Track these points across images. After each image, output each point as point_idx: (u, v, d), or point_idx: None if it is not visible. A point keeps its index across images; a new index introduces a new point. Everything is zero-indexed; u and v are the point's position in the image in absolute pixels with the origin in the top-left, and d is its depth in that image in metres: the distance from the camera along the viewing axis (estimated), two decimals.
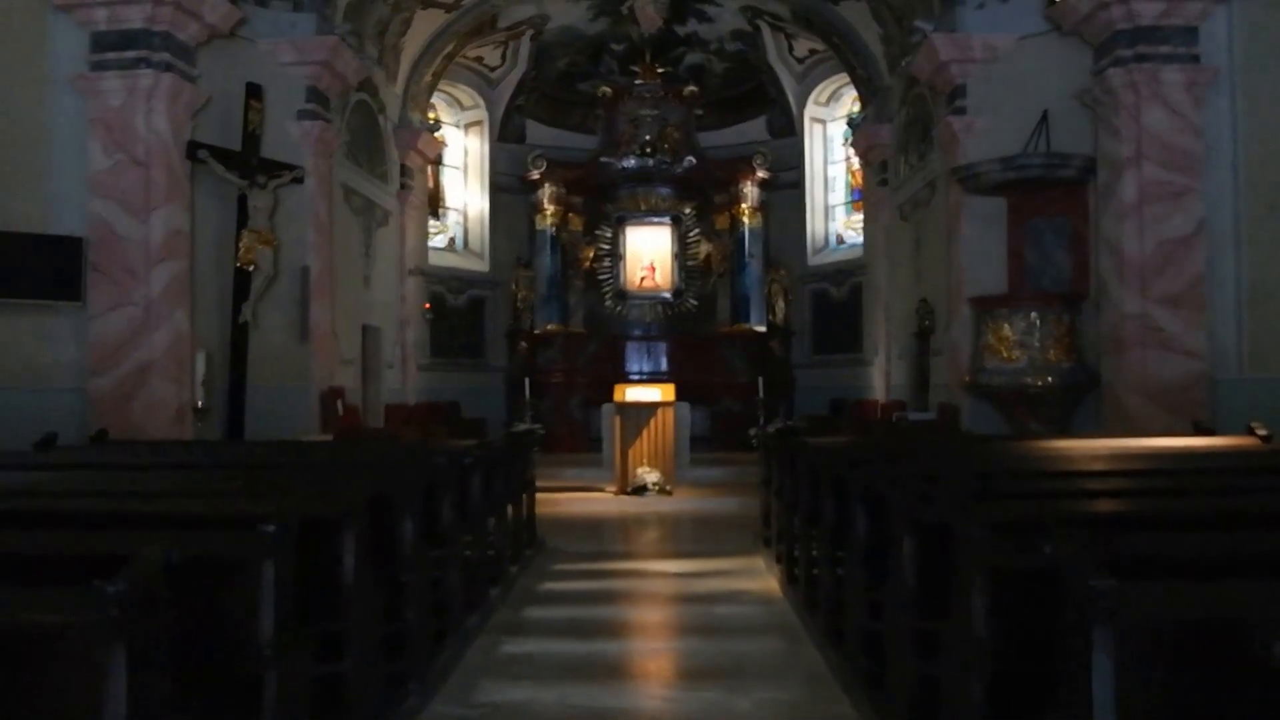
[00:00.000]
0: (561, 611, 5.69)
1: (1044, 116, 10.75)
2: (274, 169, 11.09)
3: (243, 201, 10.91)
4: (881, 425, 13.33)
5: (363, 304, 13.91)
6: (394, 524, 3.83)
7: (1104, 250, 9.96)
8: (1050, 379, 9.87)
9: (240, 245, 10.81)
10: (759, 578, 6.54)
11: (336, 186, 12.77)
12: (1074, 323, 10.14)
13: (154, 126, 9.97)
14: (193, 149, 10.45)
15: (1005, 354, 10.04)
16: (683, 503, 10.90)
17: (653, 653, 4.94)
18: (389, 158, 15.27)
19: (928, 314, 12.78)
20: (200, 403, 9.86)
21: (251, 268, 10.87)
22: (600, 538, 8.69)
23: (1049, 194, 10.73)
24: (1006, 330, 10.04)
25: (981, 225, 11.30)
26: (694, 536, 8.74)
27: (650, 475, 11.06)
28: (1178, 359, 9.41)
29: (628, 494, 11.11)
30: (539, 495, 11.20)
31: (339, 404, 11.82)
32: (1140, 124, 9.56)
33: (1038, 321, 9.97)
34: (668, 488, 11.14)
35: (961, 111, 11.42)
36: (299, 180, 11.46)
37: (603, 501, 11.08)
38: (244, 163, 10.88)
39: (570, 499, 11.19)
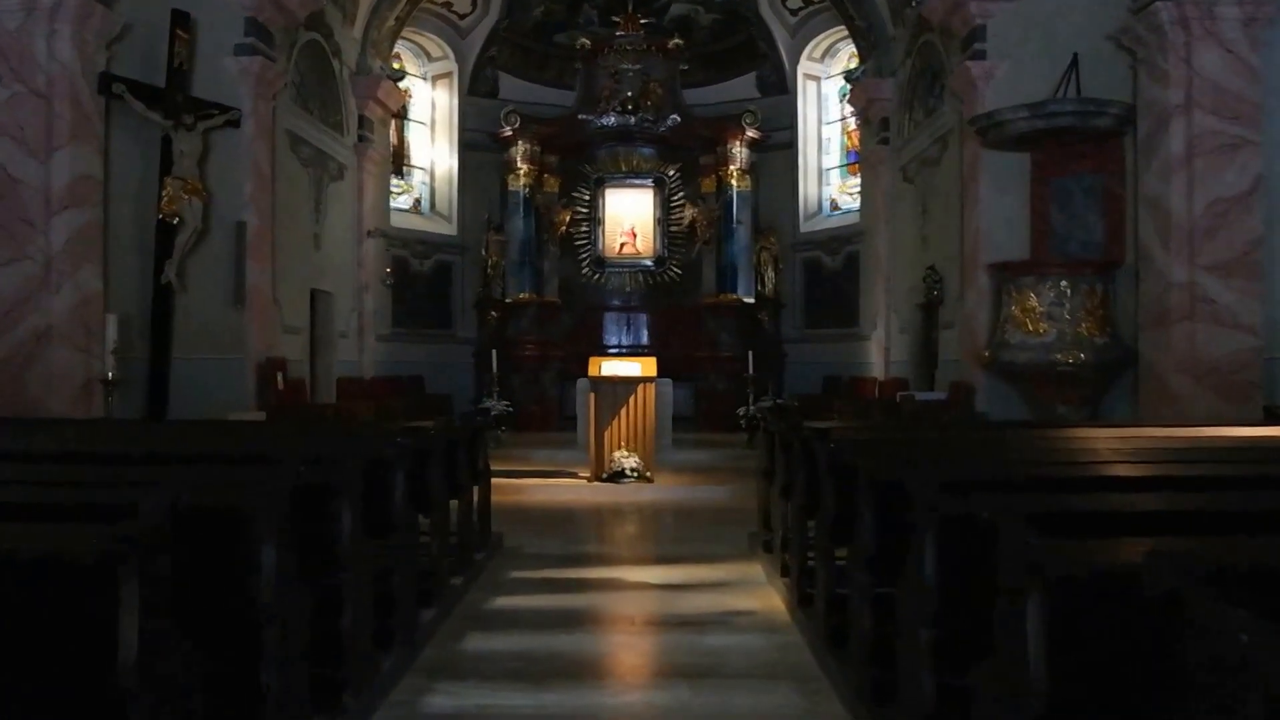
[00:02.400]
0: (512, 642, 4.47)
1: (1074, 60, 9.55)
2: (203, 108, 9.76)
3: (167, 145, 9.57)
4: (882, 405, 12.16)
5: (312, 266, 12.59)
6: (255, 548, 2.63)
7: (1145, 211, 8.79)
8: (1082, 355, 8.71)
9: (163, 195, 9.47)
10: (758, 592, 5.36)
11: (281, 133, 11.42)
12: (1108, 293, 8.99)
13: (57, 54, 8.61)
14: (107, 82, 9.11)
15: (1031, 327, 8.87)
16: (664, 491, 9.72)
17: (624, 712, 3.74)
18: (345, 107, 13.91)
19: (936, 283, 11.61)
20: (110, 374, 8.55)
21: (176, 220, 9.54)
22: (569, 534, 7.50)
23: (1079, 148, 9.55)
24: (1032, 300, 8.87)
25: (1001, 184, 10.13)
26: (678, 534, 7.56)
27: (628, 460, 9.85)
28: (1230, 334, 8.27)
29: (603, 480, 9.91)
30: (502, 481, 10.01)
31: (279, 377, 10.54)
32: (1191, 66, 8.37)
33: (1068, 291, 8.80)
34: (648, 474, 9.95)
35: (980, 56, 10.20)
36: (234, 123, 10.13)
37: (575, 489, 9.88)
38: (168, 100, 9.53)
39: (539, 485, 9.99)
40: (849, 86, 16.14)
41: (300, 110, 12.15)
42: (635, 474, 9.85)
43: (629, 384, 10.10)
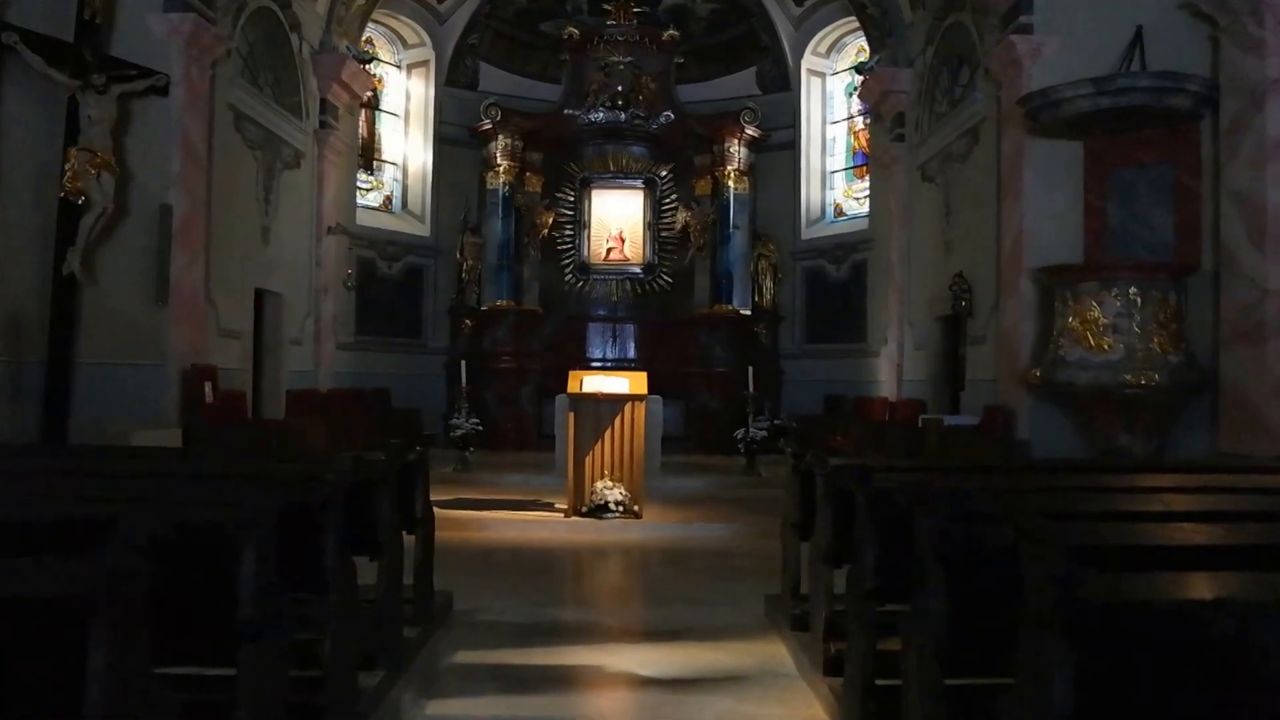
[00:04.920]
0: None
1: (1138, 34, 8.23)
2: (119, 68, 8.30)
3: (74, 110, 8.11)
4: (899, 429, 10.77)
5: (258, 262, 11.12)
6: None
7: (1230, 207, 7.43)
8: (1156, 376, 7.33)
9: (66, 168, 8.01)
10: (791, 696, 3.91)
11: (221, 108, 9.99)
12: (1181, 303, 7.61)
13: None
14: None
15: (1092, 342, 7.49)
16: (655, 529, 8.27)
17: None
18: (305, 88, 12.49)
19: (964, 292, 10.24)
20: None
21: (81, 200, 8.08)
22: (539, 590, 6.01)
23: (1144, 134, 8.20)
24: (1095, 311, 7.49)
25: (1049, 177, 8.79)
26: (674, 591, 6.08)
27: (612, 491, 8.40)
28: None
29: (582, 514, 8.45)
30: (464, 514, 8.57)
31: (208, 388, 9.06)
32: None
33: (1138, 300, 7.42)
34: (635, 507, 8.49)
35: (1026, 30, 8.86)
36: (160, 90, 8.70)
37: (550, 525, 8.41)
38: (75, 57, 8.07)
39: (507, 520, 8.51)
40: (857, 83, 14.83)
41: (248, 85, 10.72)
42: (620, 508, 8.39)
43: (615, 403, 8.66)
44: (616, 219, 15.86)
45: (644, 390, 8.86)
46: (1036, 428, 8.53)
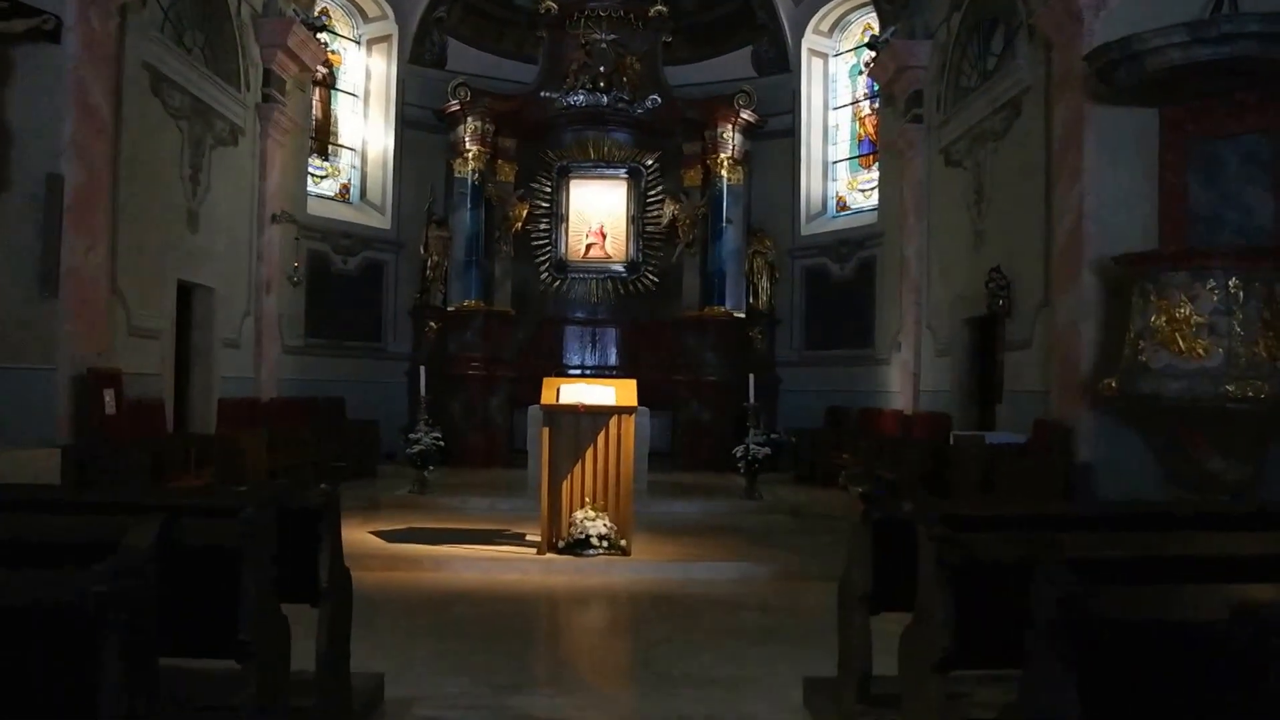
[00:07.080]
0: None
1: None
2: None
3: None
4: (918, 448, 9.36)
5: (182, 251, 9.59)
6: None
7: None
8: (1265, 387, 5.94)
9: None
10: None
11: (134, 65, 8.48)
12: None
13: None
14: None
15: (1183, 345, 6.10)
16: (646, 569, 6.82)
17: None
18: (245, 55, 10.99)
19: (1001, 289, 8.86)
20: None
21: None
22: (501, 665, 4.53)
23: (1237, 97, 6.83)
24: (1185, 308, 6.11)
25: (1115, 151, 7.43)
26: (678, 663, 4.60)
27: (595, 524, 6.94)
28: None
29: (559, 550, 6.99)
30: (418, 549, 7.08)
31: (109, 396, 7.52)
32: None
33: (1239, 294, 6.03)
34: (622, 542, 7.04)
35: None
36: (49, 35, 7.16)
37: (519, 563, 6.92)
38: None
39: (468, 558, 7.02)
40: (866, 60, 13.51)
41: (170, 44, 9.21)
42: (604, 544, 6.94)
43: (598, 416, 7.20)
44: (597, 212, 14.44)
45: (633, 401, 7.41)
46: (1101, 449, 7.15)
